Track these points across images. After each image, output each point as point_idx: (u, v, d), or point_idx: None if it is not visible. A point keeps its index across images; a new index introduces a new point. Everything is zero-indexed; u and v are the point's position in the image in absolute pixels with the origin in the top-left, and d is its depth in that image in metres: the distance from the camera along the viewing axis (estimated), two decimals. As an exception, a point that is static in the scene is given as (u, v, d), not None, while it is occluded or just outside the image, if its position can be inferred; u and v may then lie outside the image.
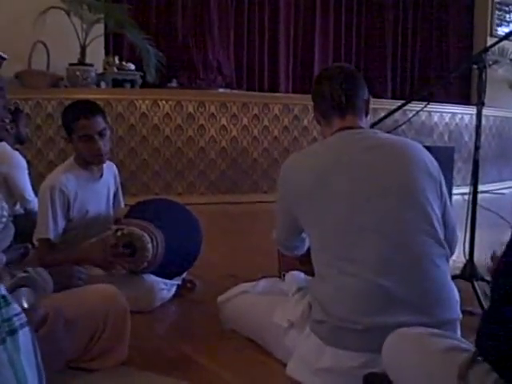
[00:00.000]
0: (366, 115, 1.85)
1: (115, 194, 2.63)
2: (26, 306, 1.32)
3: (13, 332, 0.93)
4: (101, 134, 2.34)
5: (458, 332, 1.68)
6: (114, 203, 2.62)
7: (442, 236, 1.70)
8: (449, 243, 1.76)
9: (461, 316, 1.69)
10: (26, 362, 0.94)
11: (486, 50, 2.54)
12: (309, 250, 1.89)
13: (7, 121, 1.54)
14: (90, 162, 2.41)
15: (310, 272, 1.86)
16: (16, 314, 0.96)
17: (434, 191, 1.72)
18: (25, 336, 0.95)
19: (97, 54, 5.63)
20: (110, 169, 2.58)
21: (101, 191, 2.52)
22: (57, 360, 1.08)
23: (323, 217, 1.69)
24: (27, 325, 0.97)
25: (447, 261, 1.71)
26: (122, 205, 2.71)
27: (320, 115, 1.85)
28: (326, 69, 1.94)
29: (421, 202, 1.67)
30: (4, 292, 0.97)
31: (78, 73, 5.29)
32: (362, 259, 1.61)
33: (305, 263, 1.92)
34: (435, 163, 1.79)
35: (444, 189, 1.78)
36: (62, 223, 2.36)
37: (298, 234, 1.87)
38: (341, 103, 1.78)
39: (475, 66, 2.45)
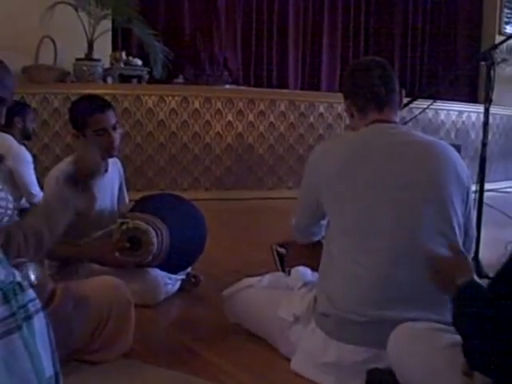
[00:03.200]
0: (399, 107, 1.84)
1: (120, 189, 2.64)
2: (34, 280, 1.33)
3: (28, 318, 0.95)
4: (114, 128, 2.38)
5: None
6: (118, 198, 2.62)
7: (460, 240, 1.69)
8: (466, 251, 1.76)
9: None
10: (41, 346, 0.95)
11: (495, 47, 2.54)
12: (315, 243, 1.90)
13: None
14: (100, 156, 2.42)
15: (315, 267, 1.86)
16: (31, 300, 0.97)
17: (459, 196, 1.71)
18: (40, 321, 0.97)
19: (104, 49, 5.62)
20: (114, 164, 2.58)
21: (105, 186, 2.52)
22: (68, 341, 1.09)
23: (346, 203, 1.70)
24: (42, 310, 0.98)
25: None
26: (127, 200, 2.71)
27: (355, 108, 1.82)
28: (359, 61, 1.92)
29: (444, 203, 1.67)
30: (19, 279, 0.98)
31: (84, 68, 5.29)
32: (376, 250, 1.62)
33: (312, 256, 1.92)
34: (466, 169, 1.78)
35: (471, 196, 1.77)
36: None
37: (318, 220, 1.88)
38: (380, 96, 1.76)
39: (483, 63, 2.45)
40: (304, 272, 1.95)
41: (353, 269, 1.64)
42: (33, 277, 1.32)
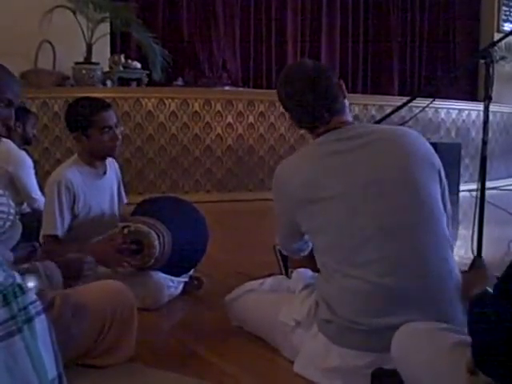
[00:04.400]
0: (344, 98, 1.77)
1: (118, 190, 2.64)
2: (32, 289, 1.33)
3: (29, 320, 0.95)
4: (116, 126, 2.40)
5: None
6: (118, 198, 2.63)
7: (445, 227, 1.66)
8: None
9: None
10: (43, 348, 0.95)
11: (494, 44, 2.53)
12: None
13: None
14: (103, 155, 2.43)
15: (317, 268, 1.85)
16: (31, 302, 0.97)
17: (434, 180, 1.67)
18: (41, 323, 0.97)
19: (103, 53, 5.64)
20: (112, 165, 2.59)
21: (105, 188, 2.52)
22: (69, 347, 1.10)
23: (321, 223, 1.66)
24: (43, 312, 0.98)
25: (452, 251, 1.69)
26: (125, 200, 2.71)
27: (303, 128, 1.78)
28: (293, 83, 1.73)
29: (422, 196, 1.63)
30: (20, 281, 0.98)
31: (83, 71, 5.30)
32: (364, 262, 1.59)
33: (312, 259, 1.91)
34: (432, 150, 1.73)
35: (443, 175, 1.72)
36: (68, 219, 2.37)
37: (300, 237, 1.84)
38: (323, 116, 1.71)
39: (482, 61, 2.44)
40: (305, 274, 1.94)
41: (345, 281, 1.61)
42: (31, 285, 1.33)
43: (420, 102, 3.50)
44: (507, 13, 8.25)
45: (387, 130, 1.76)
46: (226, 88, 6.30)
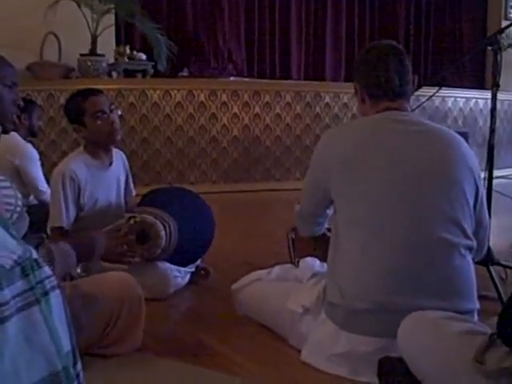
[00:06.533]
0: (412, 94, 1.84)
1: (126, 182, 2.64)
2: None
3: (45, 294, 0.97)
4: (111, 110, 2.40)
5: (475, 319, 1.67)
6: (125, 191, 2.63)
7: (470, 229, 1.68)
8: (481, 242, 1.76)
9: (478, 306, 1.68)
10: (59, 322, 0.97)
11: (501, 31, 2.50)
12: (323, 234, 1.89)
13: (15, 116, 1.66)
14: (104, 142, 2.43)
15: (324, 257, 1.85)
16: (47, 277, 0.99)
17: (471, 185, 1.70)
18: (56, 298, 0.99)
19: (108, 44, 5.63)
20: (119, 157, 2.59)
21: (111, 179, 2.53)
22: (77, 337, 1.11)
23: (357, 190, 1.68)
24: (57, 287, 1.00)
25: (471, 253, 1.70)
26: (133, 193, 2.71)
27: (368, 97, 1.79)
28: (375, 47, 1.81)
29: (455, 193, 1.66)
30: (36, 256, 1.00)
31: (89, 63, 5.29)
32: (387, 238, 1.62)
33: (320, 247, 1.91)
34: (474, 158, 1.77)
35: (481, 185, 1.75)
36: (73, 210, 2.37)
37: (324, 208, 1.85)
38: (394, 89, 1.74)
39: (490, 48, 2.42)
40: (312, 263, 1.94)
41: (363, 259, 1.63)
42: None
43: (427, 91, 3.47)
44: (515, 0, 8.15)
45: (437, 127, 1.81)
46: (232, 78, 6.28)
